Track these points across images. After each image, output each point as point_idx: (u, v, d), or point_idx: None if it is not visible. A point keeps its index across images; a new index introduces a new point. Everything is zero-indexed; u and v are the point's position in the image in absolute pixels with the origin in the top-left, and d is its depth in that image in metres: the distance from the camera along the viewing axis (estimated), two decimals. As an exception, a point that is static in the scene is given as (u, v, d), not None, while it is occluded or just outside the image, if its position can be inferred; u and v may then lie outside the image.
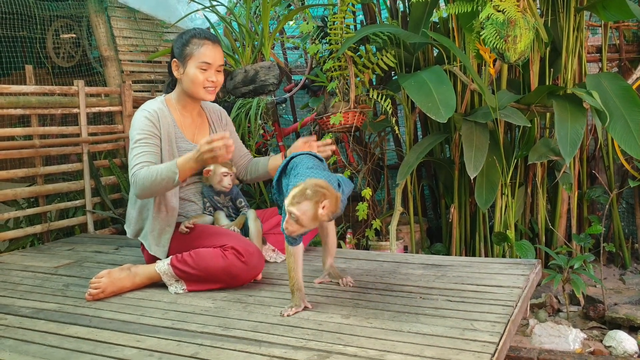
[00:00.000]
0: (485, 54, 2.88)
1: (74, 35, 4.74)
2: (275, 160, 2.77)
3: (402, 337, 1.75)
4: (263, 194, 3.78)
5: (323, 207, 1.90)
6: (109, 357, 1.74)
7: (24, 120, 3.99)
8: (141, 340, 1.85)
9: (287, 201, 1.92)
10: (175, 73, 2.59)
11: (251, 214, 2.65)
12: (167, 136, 2.53)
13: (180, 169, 2.31)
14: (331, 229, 2.27)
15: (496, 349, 1.63)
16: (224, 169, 2.63)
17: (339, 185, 2.01)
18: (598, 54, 3.75)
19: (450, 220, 3.48)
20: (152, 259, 2.52)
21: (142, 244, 2.59)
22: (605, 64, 3.68)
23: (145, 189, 2.37)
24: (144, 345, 1.81)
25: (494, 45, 2.71)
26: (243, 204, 2.71)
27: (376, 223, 3.51)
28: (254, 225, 2.60)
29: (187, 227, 2.49)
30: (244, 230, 2.61)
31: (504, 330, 1.76)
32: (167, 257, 2.44)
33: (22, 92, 3.44)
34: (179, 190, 2.58)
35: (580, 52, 3.44)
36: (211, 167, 2.60)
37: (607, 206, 3.46)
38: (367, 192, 3.44)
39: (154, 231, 2.51)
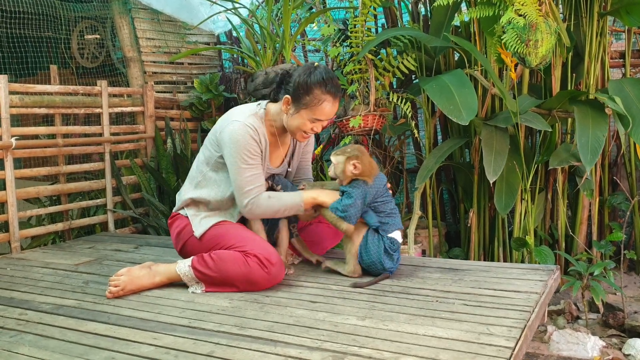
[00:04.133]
0: (506, 58, 2.86)
1: (98, 36, 4.81)
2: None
3: (417, 340, 1.75)
4: None
5: (353, 165, 2.36)
6: (127, 354, 1.76)
7: (47, 120, 4.06)
8: (158, 338, 1.87)
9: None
10: (283, 107, 2.45)
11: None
12: (261, 154, 2.47)
13: (304, 205, 2.44)
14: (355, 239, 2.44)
15: (512, 354, 1.62)
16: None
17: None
18: (621, 60, 3.70)
19: (469, 225, 3.46)
20: (177, 240, 2.55)
21: (174, 220, 2.59)
22: (629, 70, 3.63)
23: (262, 216, 2.48)
24: (160, 343, 1.83)
25: (515, 50, 2.69)
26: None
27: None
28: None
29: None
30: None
31: (520, 336, 1.75)
32: (199, 235, 2.46)
33: (46, 91, 3.50)
34: None
35: (603, 58, 3.40)
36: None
37: (628, 213, 3.41)
38: (385, 196, 3.43)
39: (206, 212, 2.53)
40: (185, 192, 2.59)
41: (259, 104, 2.54)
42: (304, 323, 1.94)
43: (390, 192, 2.50)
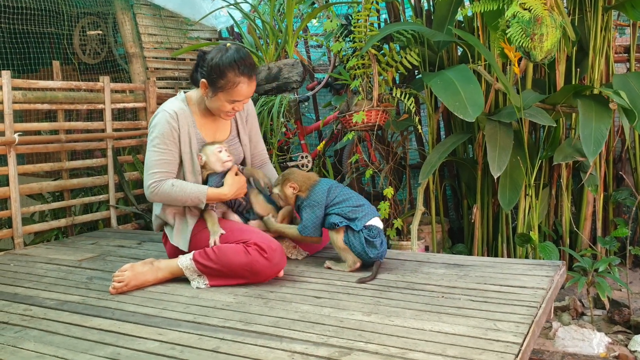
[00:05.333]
0: (510, 52, 2.85)
1: (100, 32, 4.79)
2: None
3: (424, 336, 1.74)
4: None
5: (292, 187, 2.54)
6: (132, 349, 1.76)
7: (49, 116, 4.05)
8: (163, 334, 1.86)
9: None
10: (201, 90, 2.50)
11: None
12: (187, 137, 2.51)
13: (208, 201, 2.47)
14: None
15: (520, 350, 1.61)
16: (215, 146, 2.54)
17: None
18: (626, 54, 3.68)
19: (472, 221, 3.45)
20: (175, 253, 2.54)
21: (164, 236, 2.61)
22: (634, 64, 3.61)
23: (163, 201, 2.50)
24: (165, 338, 1.83)
25: (520, 44, 2.67)
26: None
27: (397, 222, 3.50)
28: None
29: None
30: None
31: (528, 331, 1.74)
32: (189, 250, 2.45)
33: (49, 87, 3.48)
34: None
35: (608, 52, 3.39)
36: (200, 154, 2.54)
37: (633, 209, 3.41)
38: (389, 191, 3.43)
39: (176, 223, 2.53)
40: (154, 210, 2.64)
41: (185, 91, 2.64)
42: (309, 319, 1.93)
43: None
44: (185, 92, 2.62)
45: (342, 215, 2.46)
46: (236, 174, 2.56)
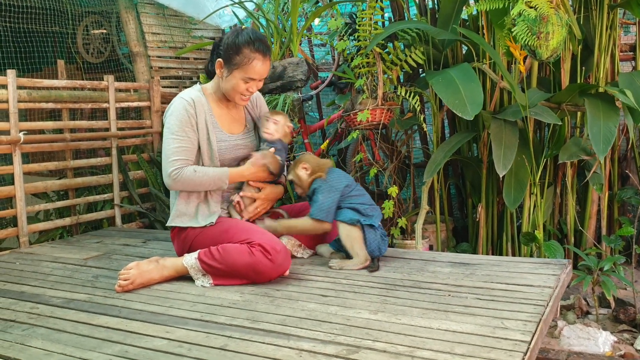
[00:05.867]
0: (515, 51, 2.84)
1: (104, 31, 4.79)
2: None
3: (431, 334, 1.74)
4: (288, 191, 3.78)
5: (304, 168, 2.58)
6: (140, 347, 1.76)
7: (53, 115, 4.05)
8: (170, 332, 1.86)
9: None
10: (217, 71, 2.56)
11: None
12: (205, 125, 2.54)
13: (230, 181, 2.52)
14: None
15: (528, 348, 1.61)
16: (287, 120, 2.71)
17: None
18: (631, 52, 3.68)
19: (477, 220, 3.44)
20: (183, 250, 2.54)
21: (174, 234, 2.60)
22: (639, 63, 3.60)
23: (186, 188, 2.50)
24: (173, 336, 1.83)
25: (526, 42, 2.67)
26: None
27: (402, 221, 3.49)
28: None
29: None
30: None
31: (536, 330, 1.73)
32: (195, 248, 2.46)
33: (54, 86, 3.49)
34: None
35: (613, 51, 3.38)
36: (275, 118, 2.68)
37: (638, 207, 3.40)
38: (393, 190, 3.42)
39: (200, 209, 2.54)
40: (172, 204, 2.62)
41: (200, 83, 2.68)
42: (316, 317, 1.93)
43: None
44: (200, 84, 2.66)
45: (359, 212, 2.49)
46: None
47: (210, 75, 2.64)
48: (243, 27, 2.58)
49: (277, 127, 2.66)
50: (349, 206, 2.50)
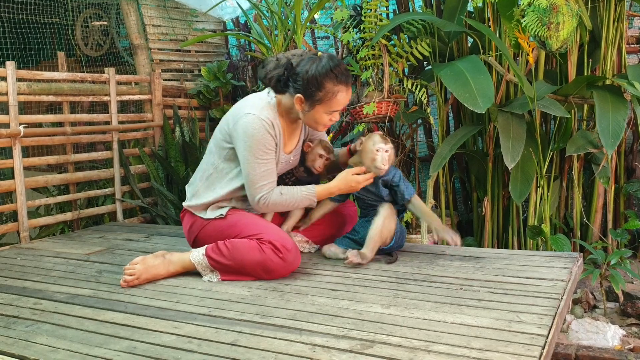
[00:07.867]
0: (524, 42, 2.81)
1: (104, 23, 4.74)
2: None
3: (446, 328, 1.71)
4: None
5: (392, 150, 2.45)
6: (148, 343, 1.72)
7: (52, 108, 4.00)
8: (179, 327, 1.83)
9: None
10: (297, 106, 2.37)
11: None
12: (276, 147, 2.43)
13: (317, 199, 2.46)
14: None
15: (546, 342, 1.58)
16: (321, 151, 2.57)
17: None
18: (637, 45, 3.64)
19: (482, 214, 3.41)
20: (189, 233, 2.52)
21: (187, 220, 2.54)
22: (646, 56, 3.58)
23: (270, 210, 2.48)
24: (182, 332, 1.79)
25: (536, 33, 2.63)
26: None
27: (407, 215, 3.46)
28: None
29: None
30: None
31: (552, 323, 1.71)
32: (204, 243, 2.41)
33: (54, 78, 3.43)
34: None
35: (620, 43, 3.35)
36: (312, 144, 2.59)
37: (645, 201, 3.38)
38: (398, 184, 3.39)
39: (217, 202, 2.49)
40: (197, 190, 2.52)
41: (269, 93, 2.47)
42: (327, 311, 1.90)
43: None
44: (271, 95, 2.46)
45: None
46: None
47: (278, 91, 2.43)
48: (319, 54, 2.38)
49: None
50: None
